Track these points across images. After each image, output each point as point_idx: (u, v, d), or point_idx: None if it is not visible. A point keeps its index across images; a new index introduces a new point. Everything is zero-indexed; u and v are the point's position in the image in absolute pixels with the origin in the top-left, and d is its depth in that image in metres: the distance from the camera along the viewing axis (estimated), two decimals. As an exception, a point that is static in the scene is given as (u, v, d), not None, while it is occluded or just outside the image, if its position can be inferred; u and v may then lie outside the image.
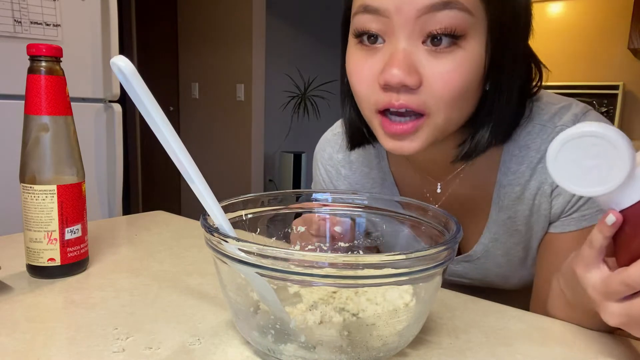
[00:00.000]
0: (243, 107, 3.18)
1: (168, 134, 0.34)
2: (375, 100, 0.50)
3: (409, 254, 0.34)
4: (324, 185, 0.74)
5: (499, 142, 0.55)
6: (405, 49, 0.47)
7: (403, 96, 0.48)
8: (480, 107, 0.52)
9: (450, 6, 0.45)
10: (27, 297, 0.50)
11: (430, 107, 0.48)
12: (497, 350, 0.43)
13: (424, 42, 0.47)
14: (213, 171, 3.41)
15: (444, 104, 0.48)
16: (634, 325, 0.36)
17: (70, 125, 0.56)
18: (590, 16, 2.97)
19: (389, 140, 0.52)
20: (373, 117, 0.52)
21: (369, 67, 0.50)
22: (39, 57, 0.52)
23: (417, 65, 0.47)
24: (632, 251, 0.36)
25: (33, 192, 0.54)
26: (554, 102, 0.58)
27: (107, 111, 1.54)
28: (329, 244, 0.55)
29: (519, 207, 0.59)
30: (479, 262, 0.65)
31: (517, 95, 0.53)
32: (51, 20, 1.37)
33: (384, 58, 0.49)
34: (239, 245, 0.35)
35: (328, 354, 0.37)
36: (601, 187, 0.35)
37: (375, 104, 0.50)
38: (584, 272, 0.40)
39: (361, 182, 0.70)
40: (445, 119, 0.49)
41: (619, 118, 2.84)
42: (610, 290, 0.37)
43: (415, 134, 0.50)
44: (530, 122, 0.57)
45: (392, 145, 0.51)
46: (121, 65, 0.31)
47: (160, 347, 0.41)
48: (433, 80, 0.47)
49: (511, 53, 0.50)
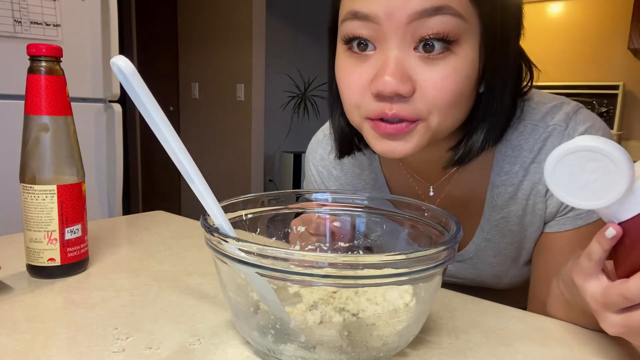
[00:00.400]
0: (243, 107, 3.18)
1: (168, 134, 0.34)
2: (366, 108, 0.49)
3: (409, 254, 0.34)
4: (315, 185, 0.74)
5: (492, 144, 0.54)
6: (398, 56, 0.46)
7: (396, 105, 0.47)
8: (474, 110, 0.52)
9: (442, 11, 0.44)
10: (27, 297, 0.50)
11: (424, 113, 0.47)
12: (497, 350, 0.43)
13: (415, 48, 0.46)
14: (213, 171, 3.41)
15: (438, 110, 0.47)
16: (632, 335, 0.37)
17: (70, 125, 0.55)
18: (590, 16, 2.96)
19: (380, 143, 0.50)
20: (363, 122, 0.51)
21: (359, 74, 0.49)
22: (39, 57, 0.52)
23: (410, 73, 0.46)
24: (631, 263, 0.36)
25: (33, 192, 0.54)
26: (545, 102, 0.58)
27: (107, 111, 1.54)
28: (329, 244, 0.55)
29: (512, 207, 0.59)
30: (471, 261, 0.65)
31: (510, 96, 0.52)
32: (51, 20, 1.37)
33: (375, 65, 0.48)
34: (239, 245, 0.35)
35: (328, 354, 0.37)
36: (599, 200, 0.35)
37: (367, 113, 0.49)
38: (583, 282, 0.40)
39: (352, 183, 0.70)
40: (439, 123, 0.48)
41: (619, 118, 2.84)
42: (609, 301, 0.37)
43: (408, 136, 0.49)
44: (522, 122, 0.57)
45: (384, 147, 0.50)
46: (121, 65, 0.31)
47: (160, 347, 0.41)
48: (426, 87, 0.46)
49: (504, 55, 0.50)
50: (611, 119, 2.84)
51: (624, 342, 0.45)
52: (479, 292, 0.69)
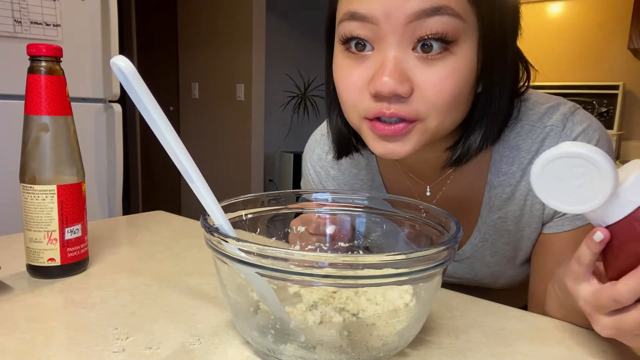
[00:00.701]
0: (243, 107, 3.18)
1: (168, 134, 0.34)
2: (365, 108, 0.49)
3: (409, 254, 0.34)
4: (313, 185, 0.74)
5: (490, 144, 0.54)
6: (396, 56, 0.46)
7: (394, 105, 0.47)
8: (472, 110, 0.52)
9: (440, 12, 0.44)
10: (27, 297, 0.50)
11: (422, 113, 0.47)
12: (497, 350, 0.43)
13: (413, 48, 0.46)
14: (213, 171, 3.41)
15: (436, 110, 0.47)
16: (624, 336, 0.37)
17: (70, 125, 0.56)
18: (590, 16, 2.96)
19: (379, 144, 0.50)
20: (361, 123, 0.51)
21: (357, 75, 0.49)
22: (39, 57, 0.52)
23: (409, 73, 0.46)
24: (620, 266, 0.36)
25: (33, 192, 0.54)
26: (542, 102, 0.58)
27: (107, 111, 1.54)
28: (329, 244, 0.55)
29: (510, 208, 0.59)
30: (468, 261, 0.65)
31: (508, 96, 0.53)
32: (51, 20, 1.37)
33: (373, 65, 0.47)
34: (239, 245, 0.35)
35: (328, 354, 0.37)
36: (585, 205, 0.36)
37: (365, 112, 0.49)
38: (574, 285, 0.40)
39: (350, 183, 0.70)
40: (437, 124, 0.48)
41: (619, 118, 2.83)
42: (599, 304, 0.37)
43: (406, 137, 0.49)
44: (519, 123, 0.57)
45: (382, 149, 0.50)
46: (121, 65, 0.31)
47: (160, 347, 0.41)
48: (425, 87, 0.46)
49: (502, 55, 0.50)
50: (611, 119, 2.84)
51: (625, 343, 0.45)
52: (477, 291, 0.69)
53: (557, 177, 0.36)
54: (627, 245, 0.36)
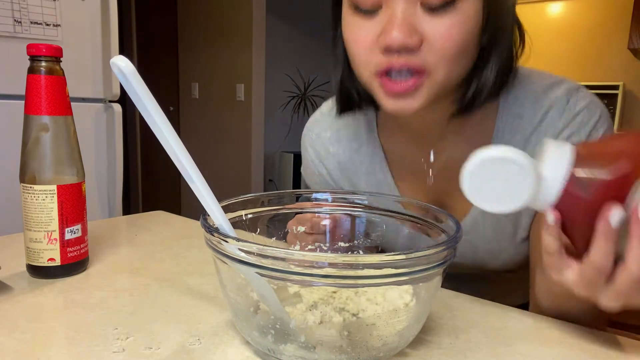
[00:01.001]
0: (243, 107, 3.18)
1: (168, 134, 0.34)
2: (375, 62, 0.51)
3: (409, 254, 0.34)
4: (314, 168, 0.73)
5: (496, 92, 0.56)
6: (404, 10, 0.48)
7: (404, 57, 0.49)
8: (477, 61, 0.54)
9: None
10: (27, 297, 0.50)
11: (431, 64, 0.49)
12: (497, 350, 0.43)
13: (422, 3, 0.48)
14: (213, 171, 3.41)
15: (445, 60, 0.49)
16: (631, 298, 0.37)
17: (70, 125, 0.56)
18: (590, 16, 2.97)
19: (390, 101, 0.52)
20: (372, 79, 0.53)
21: (366, 31, 0.51)
22: (39, 57, 0.52)
23: (417, 26, 0.48)
24: (583, 235, 0.38)
25: (33, 192, 0.54)
26: (545, 76, 0.60)
27: (107, 111, 1.54)
28: (328, 244, 0.55)
29: None
30: (468, 236, 0.65)
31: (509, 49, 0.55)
32: (51, 20, 1.37)
33: (382, 21, 0.49)
34: (239, 245, 0.35)
35: (328, 354, 0.37)
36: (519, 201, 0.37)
37: (376, 67, 0.51)
38: (559, 277, 0.40)
39: (350, 159, 0.70)
40: (445, 75, 0.50)
41: (619, 118, 2.83)
42: (588, 280, 0.38)
43: (416, 92, 0.51)
44: (522, 91, 0.58)
45: (394, 105, 0.52)
46: (121, 65, 0.31)
47: (160, 347, 0.41)
48: (433, 38, 0.48)
49: (504, 10, 0.52)
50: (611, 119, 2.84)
51: (624, 342, 0.45)
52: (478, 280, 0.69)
53: (486, 183, 0.38)
54: (577, 214, 0.37)
